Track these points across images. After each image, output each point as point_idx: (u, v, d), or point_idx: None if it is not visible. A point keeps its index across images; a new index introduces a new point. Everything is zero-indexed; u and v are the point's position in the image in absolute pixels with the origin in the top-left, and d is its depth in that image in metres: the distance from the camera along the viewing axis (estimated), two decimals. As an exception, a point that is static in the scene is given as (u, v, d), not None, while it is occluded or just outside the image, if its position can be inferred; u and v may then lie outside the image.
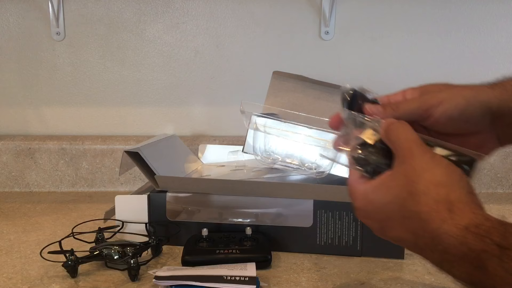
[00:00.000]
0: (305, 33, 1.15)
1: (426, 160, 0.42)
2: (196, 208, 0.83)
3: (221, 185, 0.77)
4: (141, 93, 1.18)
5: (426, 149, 0.43)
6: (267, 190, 0.76)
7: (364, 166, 0.47)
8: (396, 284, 0.65)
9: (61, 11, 1.14)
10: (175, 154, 0.95)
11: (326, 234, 0.74)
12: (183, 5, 1.15)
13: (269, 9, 1.15)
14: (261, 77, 1.06)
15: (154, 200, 0.78)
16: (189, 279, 0.60)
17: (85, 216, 0.92)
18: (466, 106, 0.47)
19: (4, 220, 0.91)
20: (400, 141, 0.44)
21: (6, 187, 1.14)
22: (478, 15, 1.14)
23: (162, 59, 1.17)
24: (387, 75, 1.15)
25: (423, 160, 0.42)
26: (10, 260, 0.73)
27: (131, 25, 1.15)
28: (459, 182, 0.41)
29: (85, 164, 1.13)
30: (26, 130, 1.19)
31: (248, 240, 0.72)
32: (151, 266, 0.69)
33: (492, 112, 0.48)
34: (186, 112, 1.19)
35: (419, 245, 0.41)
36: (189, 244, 0.72)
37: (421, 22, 1.14)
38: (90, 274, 0.67)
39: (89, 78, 1.17)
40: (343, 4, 1.14)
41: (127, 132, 1.19)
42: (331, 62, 1.16)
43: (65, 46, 1.16)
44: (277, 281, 0.65)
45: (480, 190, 1.14)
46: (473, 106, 0.47)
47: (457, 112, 0.47)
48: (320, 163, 0.85)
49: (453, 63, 1.15)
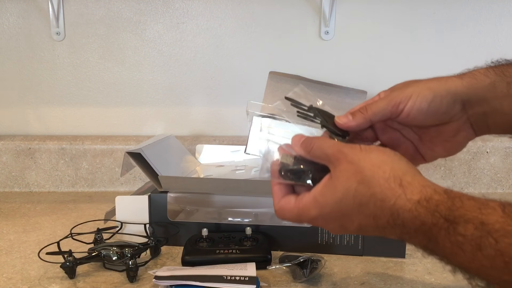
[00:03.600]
0: (305, 33, 1.15)
1: (358, 151, 0.44)
2: (196, 208, 0.83)
3: (224, 184, 0.77)
4: (141, 93, 1.18)
5: (352, 145, 0.45)
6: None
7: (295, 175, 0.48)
8: (396, 284, 0.65)
9: (61, 11, 1.14)
10: (174, 154, 0.95)
11: (327, 234, 0.74)
12: (183, 5, 1.15)
13: (269, 9, 1.15)
14: (261, 77, 1.06)
15: (155, 200, 0.78)
16: (189, 279, 0.60)
17: (85, 216, 0.91)
18: (433, 97, 0.49)
19: (4, 220, 0.91)
20: (325, 149, 0.46)
21: (6, 187, 1.14)
22: (478, 15, 1.14)
23: (162, 59, 1.17)
24: (387, 75, 1.15)
25: (355, 153, 0.44)
26: (10, 260, 0.73)
27: (131, 25, 1.15)
28: (397, 158, 0.44)
29: (85, 164, 1.13)
30: (26, 130, 1.19)
31: (248, 240, 0.72)
32: (150, 267, 0.69)
33: (462, 101, 0.49)
34: (186, 112, 1.19)
35: (380, 225, 0.42)
36: (189, 244, 0.72)
37: (421, 22, 1.14)
38: (88, 275, 0.67)
39: (89, 78, 1.17)
40: (343, 4, 1.14)
41: (127, 132, 1.19)
42: (331, 62, 1.16)
43: (65, 46, 1.16)
44: (277, 281, 0.65)
45: (480, 190, 1.14)
46: (440, 96, 0.49)
47: (425, 104, 0.49)
48: None
49: (453, 63, 1.15)
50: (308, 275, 0.63)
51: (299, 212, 0.47)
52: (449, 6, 1.14)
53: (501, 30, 1.14)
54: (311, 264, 0.64)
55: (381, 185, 0.41)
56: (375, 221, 0.42)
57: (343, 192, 0.43)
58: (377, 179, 0.42)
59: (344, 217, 0.44)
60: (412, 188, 0.40)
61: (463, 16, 1.14)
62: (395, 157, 0.44)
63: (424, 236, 0.39)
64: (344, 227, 0.45)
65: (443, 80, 0.50)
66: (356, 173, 0.43)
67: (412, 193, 0.40)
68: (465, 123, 0.51)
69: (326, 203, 0.45)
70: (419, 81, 0.51)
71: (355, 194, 0.43)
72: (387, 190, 0.41)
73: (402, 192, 0.40)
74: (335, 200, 0.44)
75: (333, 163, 0.45)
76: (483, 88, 0.49)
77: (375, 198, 0.41)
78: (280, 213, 0.49)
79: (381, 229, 0.43)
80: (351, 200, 0.43)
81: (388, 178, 0.41)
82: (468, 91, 0.49)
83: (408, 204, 0.40)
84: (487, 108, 0.49)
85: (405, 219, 0.40)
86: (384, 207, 0.41)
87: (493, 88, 0.49)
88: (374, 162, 0.43)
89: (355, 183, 0.43)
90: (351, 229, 0.45)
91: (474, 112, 0.50)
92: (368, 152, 0.44)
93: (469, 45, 1.15)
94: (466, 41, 1.15)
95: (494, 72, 0.50)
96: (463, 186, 1.14)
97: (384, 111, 0.50)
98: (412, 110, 0.49)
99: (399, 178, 0.41)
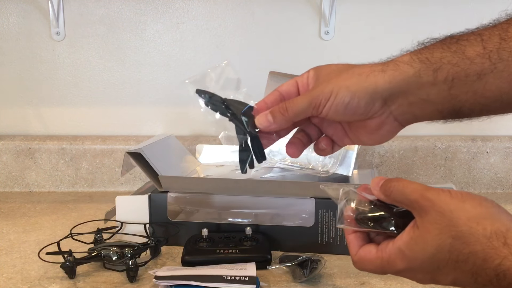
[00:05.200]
0: (305, 33, 1.15)
1: (448, 199, 0.40)
2: (196, 208, 0.83)
3: (225, 184, 0.77)
4: (141, 93, 1.18)
5: (439, 190, 0.41)
6: (273, 188, 0.76)
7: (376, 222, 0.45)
8: (396, 284, 0.65)
9: (61, 11, 1.14)
10: (174, 154, 0.95)
11: (327, 234, 0.74)
12: (183, 5, 1.15)
13: (269, 9, 1.15)
14: (261, 77, 1.06)
15: (155, 200, 0.78)
16: (189, 279, 0.60)
17: (85, 216, 0.91)
18: (350, 98, 0.47)
19: (4, 220, 0.91)
20: (407, 195, 0.42)
21: (6, 187, 1.13)
22: (478, 15, 1.14)
23: (162, 59, 1.17)
24: (387, 75, 1.15)
25: (445, 201, 0.40)
26: (10, 260, 0.73)
27: (131, 25, 1.15)
28: (496, 211, 0.39)
29: (85, 164, 1.13)
30: (26, 130, 1.19)
31: (248, 240, 0.72)
32: (150, 267, 0.69)
33: (383, 98, 0.47)
34: (186, 112, 1.19)
35: (480, 282, 0.38)
36: (189, 244, 0.72)
37: (421, 22, 1.14)
38: (89, 275, 0.67)
39: (89, 78, 1.17)
40: (343, 4, 1.14)
41: (127, 132, 1.19)
42: (331, 62, 1.15)
43: (65, 46, 1.16)
44: (277, 281, 0.65)
45: (480, 190, 1.14)
46: (358, 98, 0.47)
47: (341, 106, 0.47)
48: (326, 161, 0.85)
49: (453, 63, 1.15)
50: (308, 275, 0.63)
51: (383, 263, 0.44)
52: (449, 6, 1.14)
53: (501, 30, 1.14)
54: (311, 264, 0.64)
55: (482, 244, 0.37)
56: (474, 278, 0.38)
57: (436, 248, 0.39)
58: (476, 237, 0.37)
59: (437, 271, 0.40)
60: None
61: (463, 16, 1.14)
62: (494, 210, 0.39)
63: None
64: (436, 280, 0.42)
65: (364, 76, 0.48)
66: (450, 226, 0.39)
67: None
68: (387, 117, 0.49)
69: (416, 258, 0.41)
70: (340, 76, 0.49)
71: (451, 250, 0.38)
72: (489, 250, 0.37)
73: (508, 253, 0.36)
74: (427, 255, 0.40)
75: (418, 211, 0.41)
76: (407, 80, 0.46)
77: (475, 256, 0.37)
78: (360, 264, 0.46)
79: (481, 286, 0.39)
80: (446, 255, 0.39)
81: (490, 237, 0.37)
82: (390, 86, 0.47)
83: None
84: (412, 99, 0.47)
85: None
86: (487, 267, 0.37)
87: (418, 78, 0.46)
88: (471, 215, 0.38)
89: (449, 238, 0.38)
90: (444, 282, 0.41)
91: (397, 105, 0.48)
92: (461, 201, 0.39)
93: (469, 45, 1.15)
94: (466, 41, 1.14)
95: (419, 60, 0.47)
96: (463, 186, 1.14)
97: (304, 112, 0.49)
98: (330, 111, 0.48)
99: (503, 236, 0.37)
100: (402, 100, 0.47)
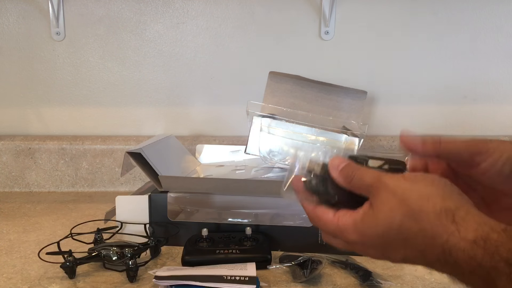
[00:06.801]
0: (305, 33, 1.15)
1: (402, 181, 0.41)
2: (196, 208, 0.83)
3: (225, 184, 0.77)
4: (141, 93, 1.18)
5: (394, 175, 0.42)
6: (273, 188, 0.76)
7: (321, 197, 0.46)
8: (396, 284, 0.65)
9: (61, 11, 1.14)
10: (174, 154, 0.95)
11: (326, 234, 0.74)
12: (183, 5, 1.15)
13: (269, 9, 1.15)
14: (261, 77, 1.06)
15: (155, 200, 0.78)
16: (189, 279, 0.60)
17: (85, 216, 0.91)
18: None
19: (4, 220, 0.91)
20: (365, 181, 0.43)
21: (6, 187, 1.14)
22: (478, 15, 1.14)
23: (162, 59, 1.17)
24: (387, 76, 1.15)
25: (398, 183, 0.41)
26: (10, 260, 0.73)
27: (131, 25, 1.15)
28: (448, 189, 0.40)
29: (85, 164, 1.13)
30: (26, 130, 1.19)
31: (248, 240, 0.72)
32: (150, 267, 0.69)
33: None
34: (186, 112, 1.19)
35: (429, 260, 0.39)
36: (189, 244, 0.72)
37: (421, 22, 1.14)
38: (89, 275, 0.67)
39: (89, 78, 1.17)
40: (343, 4, 1.14)
41: (127, 132, 1.19)
42: (331, 62, 1.16)
43: (65, 46, 1.16)
44: (277, 281, 0.65)
45: (480, 190, 1.14)
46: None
47: (509, 165, 0.42)
48: None
49: (453, 63, 1.15)
50: (308, 275, 0.63)
51: (336, 230, 0.44)
52: (449, 6, 1.14)
53: (501, 30, 1.14)
54: (311, 265, 0.64)
55: (431, 221, 0.38)
56: (423, 256, 0.39)
57: (386, 226, 0.40)
58: (426, 213, 0.38)
59: (388, 248, 0.41)
60: (466, 225, 0.37)
61: (464, 16, 1.14)
62: (446, 188, 0.40)
63: (480, 279, 0.36)
64: (386, 256, 0.42)
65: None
66: (401, 205, 0.39)
67: (466, 231, 0.36)
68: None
69: (367, 233, 0.42)
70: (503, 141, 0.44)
71: (400, 229, 0.39)
72: (437, 227, 0.37)
73: (455, 229, 0.37)
74: (378, 232, 0.41)
75: (373, 193, 0.42)
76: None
77: (424, 233, 0.38)
78: (315, 221, 0.46)
79: (429, 264, 0.39)
80: (395, 233, 0.40)
81: (439, 213, 0.38)
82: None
83: (462, 243, 0.36)
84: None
85: (459, 258, 0.36)
86: (434, 244, 0.38)
87: None
88: (422, 193, 0.39)
89: (399, 215, 0.39)
90: (394, 258, 0.42)
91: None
92: (413, 182, 0.40)
93: (469, 45, 1.15)
94: (466, 41, 1.15)
95: None
96: (463, 186, 1.14)
97: (458, 154, 0.44)
98: (492, 167, 0.42)
99: (452, 213, 0.37)
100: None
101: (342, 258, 0.70)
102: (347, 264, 0.69)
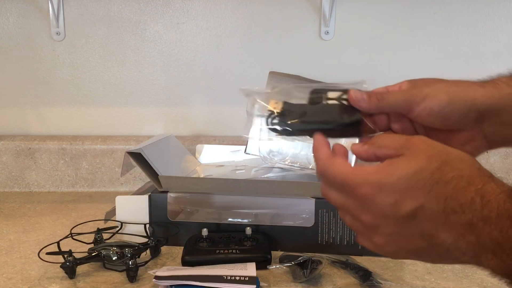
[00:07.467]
0: (305, 33, 1.15)
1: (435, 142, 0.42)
2: (196, 208, 0.83)
3: (225, 184, 0.77)
4: (141, 93, 1.18)
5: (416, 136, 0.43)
6: (273, 188, 0.76)
7: None
8: (396, 284, 0.65)
9: (61, 11, 1.14)
10: (174, 154, 0.95)
11: (327, 234, 0.74)
12: (183, 5, 1.15)
13: (269, 9, 1.15)
14: (261, 77, 1.06)
15: (155, 200, 0.78)
16: (189, 279, 0.60)
17: (85, 216, 0.91)
18: (447, 103, 0.47)
19: (4, 220, 0.91)
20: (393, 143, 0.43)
21: (6, 187, 1.14)
22: (478, 15, 1.14)
23: (162, 59, 1.17)
24: (387, 75, 1.15)
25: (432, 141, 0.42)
26: (10, 260, 0.73)
27: (131, 25, 1.15)
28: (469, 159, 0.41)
29: (85, 164, 1.13)
30: (26, 130, 1.19)
31: (248, 240, 0.72)
32: (150, 267, 0.69)
33: (478, 111, 0.47)
34: (186, 112, 1.19)
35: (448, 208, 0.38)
36: (189, 244, 0.72)
37: (421, 22, 1.14)
38: (89, 275, 0.67)
39: (89, 78, 1.17)
40: (343, 4, 1.14)
41: (127, 132, 1.19)
42: (331, 62, 1.16)
43: (65, 46, 1.16)
44: (277, 281, 0.65)
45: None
46: (454, 103, 0.47)
47: (437, 108, 0.47)
48: None
49: (453, 63, 1.15)
50: (308, 275, 0.63)
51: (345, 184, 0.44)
52: (449, 6, 1.14)
53: (501, 29, 1.14)
54: (311, 265, 0.64)
55: (471, 170, 0.39)
56: (445, 203, 0.38)
57: (420, 167, 0.39)
58: (467, 164, 0.39)
59: (408, 192, 0.39)
60: (502, 183, 0.38)
61: (464, 16, 1.14)
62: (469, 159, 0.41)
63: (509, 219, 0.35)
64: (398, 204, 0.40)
65: (464, 86, 0.48)
66: (441, 155, 0.40)
67: (503, 185, 0.38)
68: (478, 133, 0.49)
69: (393, 173, 0.40)
70: (439, 82, 0.49)
71: (434, 172, 0.39)
72: (476, 177, 0.38)
73: (492, 181, 0.38)
74: (406, 172, 0.39)
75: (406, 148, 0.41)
76: (504, 98, 0.46)
77: (459, 179, 0.38)
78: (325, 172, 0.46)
79: (443, 215, 0.38)
80: (427, 175, 0.39)
81: (479, 167, 0.39)
82: (488, 101, 0.47)
83: (499, 190, 0.37)
84: (506, 119, 0.47)
85: (491, 200, 0.36)
86: (467, 189, 0.38)
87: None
88: (461, 153, 0.41)
89: (437, 162, 0.39)
90: (405, 208, 0.39)
91: (490, 123, 0.48)
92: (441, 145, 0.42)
93: (469, 45, 1.15)
94: (466, 41, 1.15)
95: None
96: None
97: (398, 106, 0.49)
98: (423, 112, 0.47)
99: (489, 172, 0.39)
100: (496, 118, 0.47)
101: (342, 258, 0.70)
102: (347, 264, 0.68)
